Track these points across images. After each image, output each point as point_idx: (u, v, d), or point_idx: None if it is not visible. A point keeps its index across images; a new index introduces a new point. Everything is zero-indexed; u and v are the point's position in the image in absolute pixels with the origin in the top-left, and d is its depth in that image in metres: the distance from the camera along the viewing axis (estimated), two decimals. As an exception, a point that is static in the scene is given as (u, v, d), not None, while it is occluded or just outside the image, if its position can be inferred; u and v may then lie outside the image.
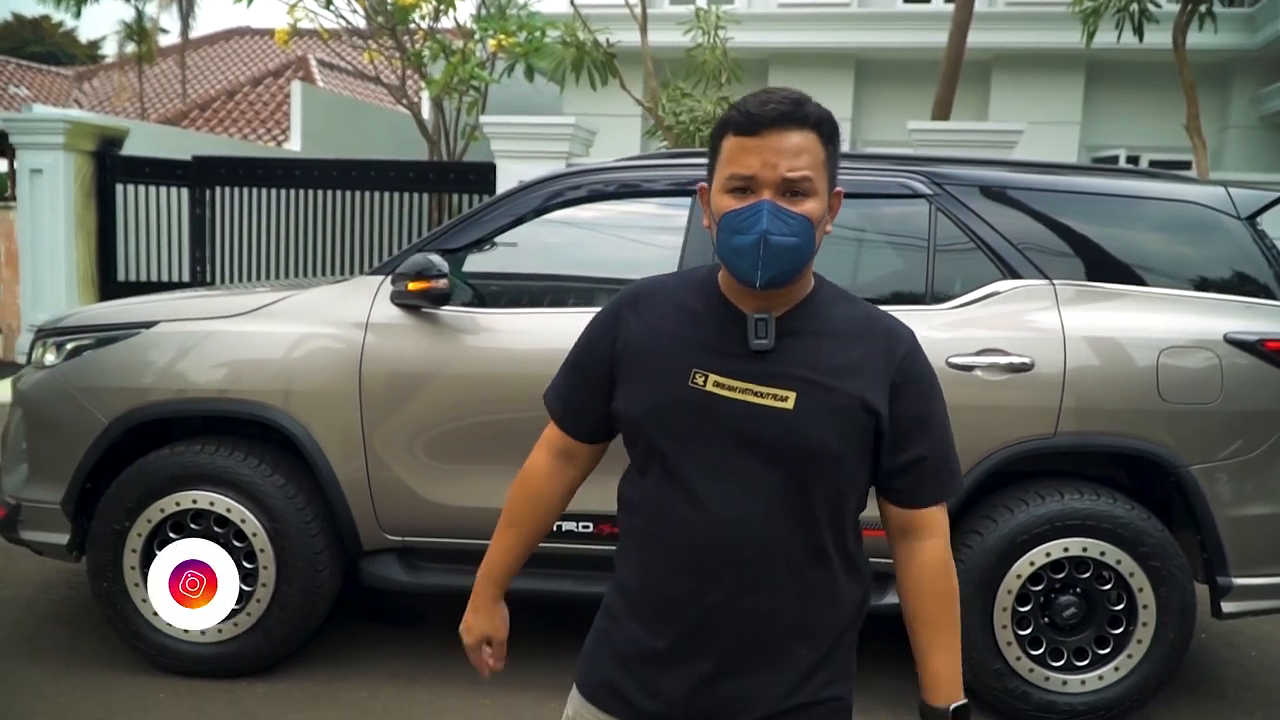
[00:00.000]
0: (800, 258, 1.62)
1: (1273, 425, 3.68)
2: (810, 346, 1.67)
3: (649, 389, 1.70)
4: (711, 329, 1.69)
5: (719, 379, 1.65)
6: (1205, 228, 3.91)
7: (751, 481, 1.65)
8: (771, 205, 1.59)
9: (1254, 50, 12.10)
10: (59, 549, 3.98)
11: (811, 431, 1.63)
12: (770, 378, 1.64)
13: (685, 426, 1.67)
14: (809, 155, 1.61)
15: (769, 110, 1.60)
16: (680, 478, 1.67)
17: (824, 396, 1.64)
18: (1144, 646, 3.69)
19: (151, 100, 23.33)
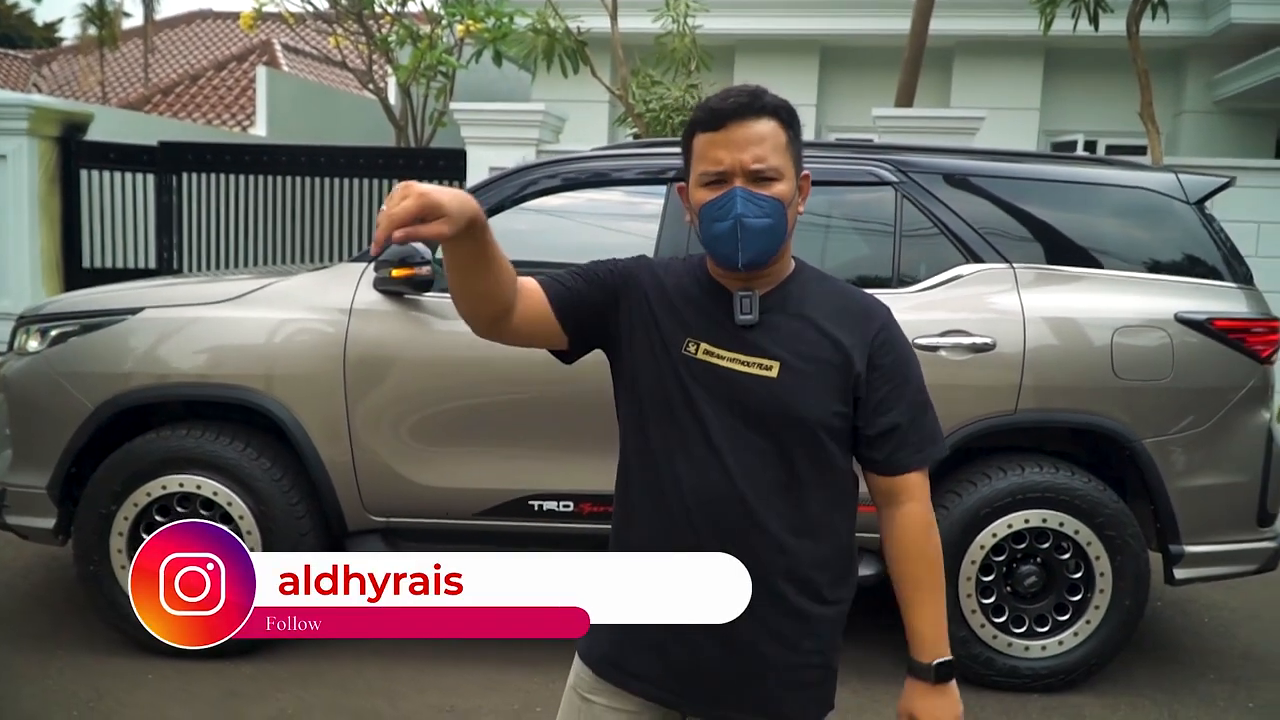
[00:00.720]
0: (776, 237, 1.76)
1: (1221, 400, 3.86)
2: (792, 322, 1.80)
3: (647, 354, 1.83)
4: (702, 304, 1.83)
5: (709, 347, 1.79)
6: (1157, 212, 4.07)
7: (740, 443, 1.76)
8: (743, 191, 1.72)
9: (1207, 37, 12.31)
10: (45, 533, 4.05)
11: (794, 399, 1.75)
12: (756, 349, 1.77)
13: (677, 391, 1.79)
14: (770, 141, 1.74)
15: (729, 104, 1.74)
16: (671, 441, 1.80)
17: (805, 367, 1.76)
18: (1101, 612, 3.86)
19: (112, 85, 23.10)
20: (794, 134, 1.79)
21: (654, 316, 1.84)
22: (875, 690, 3.91)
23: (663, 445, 1.82)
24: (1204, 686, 4.05)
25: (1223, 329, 3.86)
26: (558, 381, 3.71)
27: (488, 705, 3.69)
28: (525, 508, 3.88)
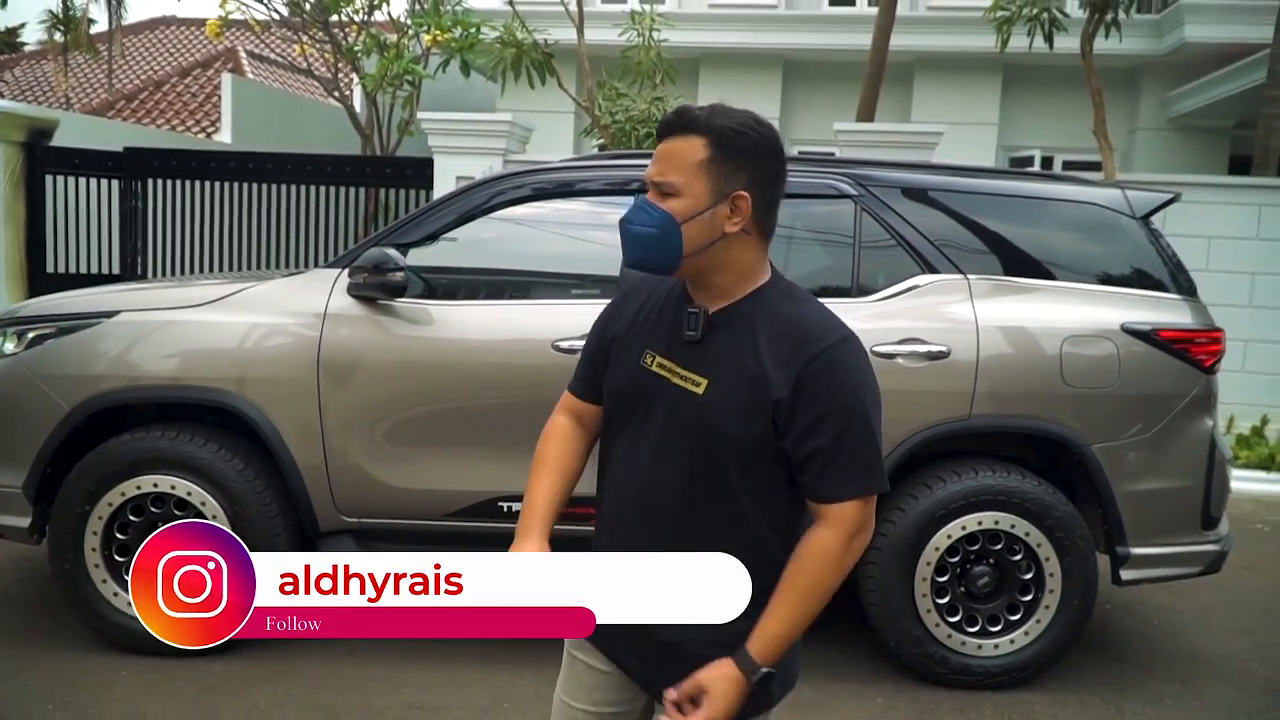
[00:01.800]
0: (659, 247, 1.81)
1: (1166, 408, 4.02)
2: (731, 340, 1.83)
3: (617, 366, 1.96)
4: (668, 317, 1.92)
5: (661, 360, 1.88)
6: (1105, 227, 4.23)
7: (673, 453, 1.85)
8: (641, 199, 1.83)
9: (1161, 55, 12.61)
10: (20, 532, 4.09)
11: (715, 416, 1.81)
12: (692, 363, 1.84)
13: (631, 399, 1.91)
14: (676, 159, 1.80)
15: (663, 121, 1.86)
16: (625, 442, 1.93)
17: (729, 386, 1.81)
18: (1051, 612, 4.00)
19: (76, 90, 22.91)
20: (720, 153, 1.79)
21: (628, 335, 1.96)
22: (832, 688, 4.02)
23: (614, 452, 1.96)
24: (1152, 685, 4.20)
25: (1167, 339, 4.01)
26: (525, 386, 3.83)
27: (457, 701, 3.77)
28: (494, 508, 3.97)
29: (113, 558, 4.00)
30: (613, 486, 1.97)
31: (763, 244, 1.89)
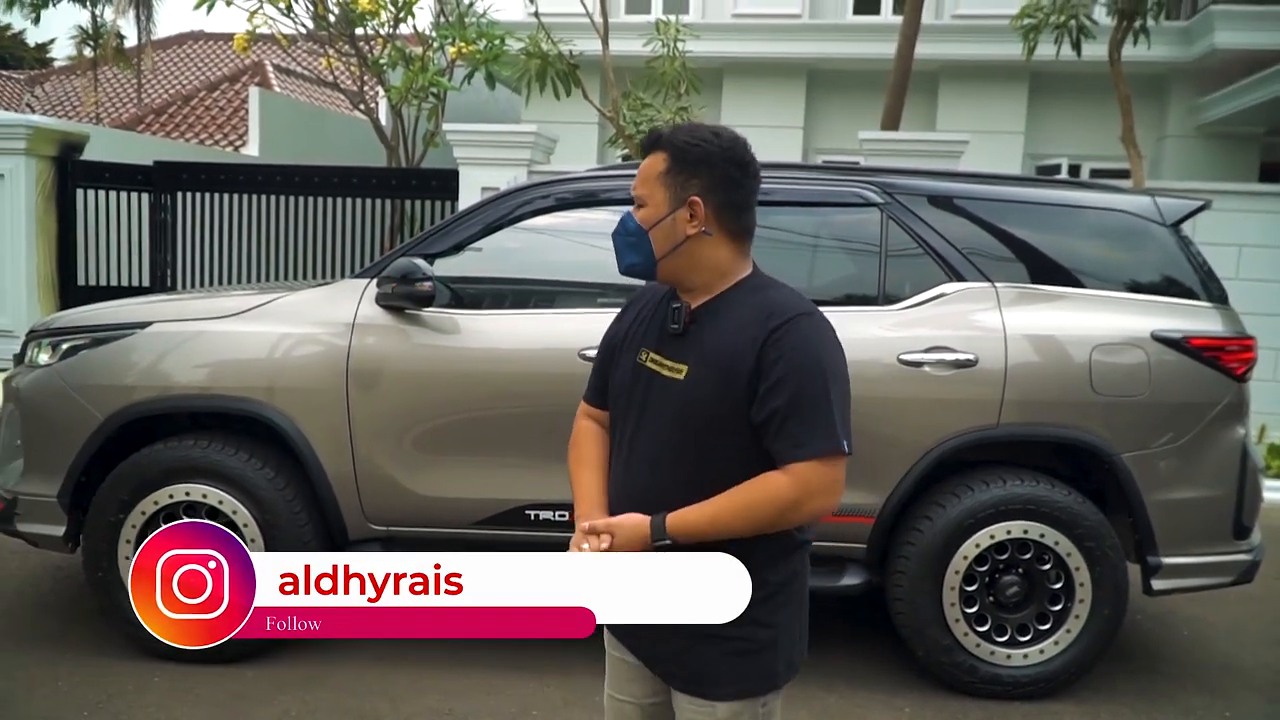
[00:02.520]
0: (638, 253, 2.04)
1: (1197, 416, 3.99)
2: (709, 329, 2.00)
3: (619, 368, 2.15)
4: (659, 317, 2.11)
5: (653, 355, 2.06)
6: (1135, 234, 4.21)
7: (655, 440, 2.02)
8: (626, 214, 2.05)
9: (1190, 62, 12.50)
10: (55, 540, 4.14)
11: (695, 397, 1.97)
12: (675, 354, 2.02)
13: (629, 393, 2.09)
14: (645, 173, 2.03)
15: (644, 141, 2.08)
16: (620, 432, 2.11)
17: (707, 369, 1.97)
18: (1081, 622, 3.98)
19: (105, 105, 23.17)
20: (675, 165, 2.00)
21: (627, 340, 2.15)
22: (860, 697, 4.02)
23: (618, 443, 2.13)
24: (1182, 696, 4.16)
25: (1198, 347, 3.99)
26: (553, 395, 3.84)
27: (486, 708, 3.79)
28: (522, 517, 3.99)
29: (138, 565, 4.02)
30: (617, 475, 2.12)
31: (734, 243, 2.05)
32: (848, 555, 4.08)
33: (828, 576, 4.06)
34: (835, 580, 4.06)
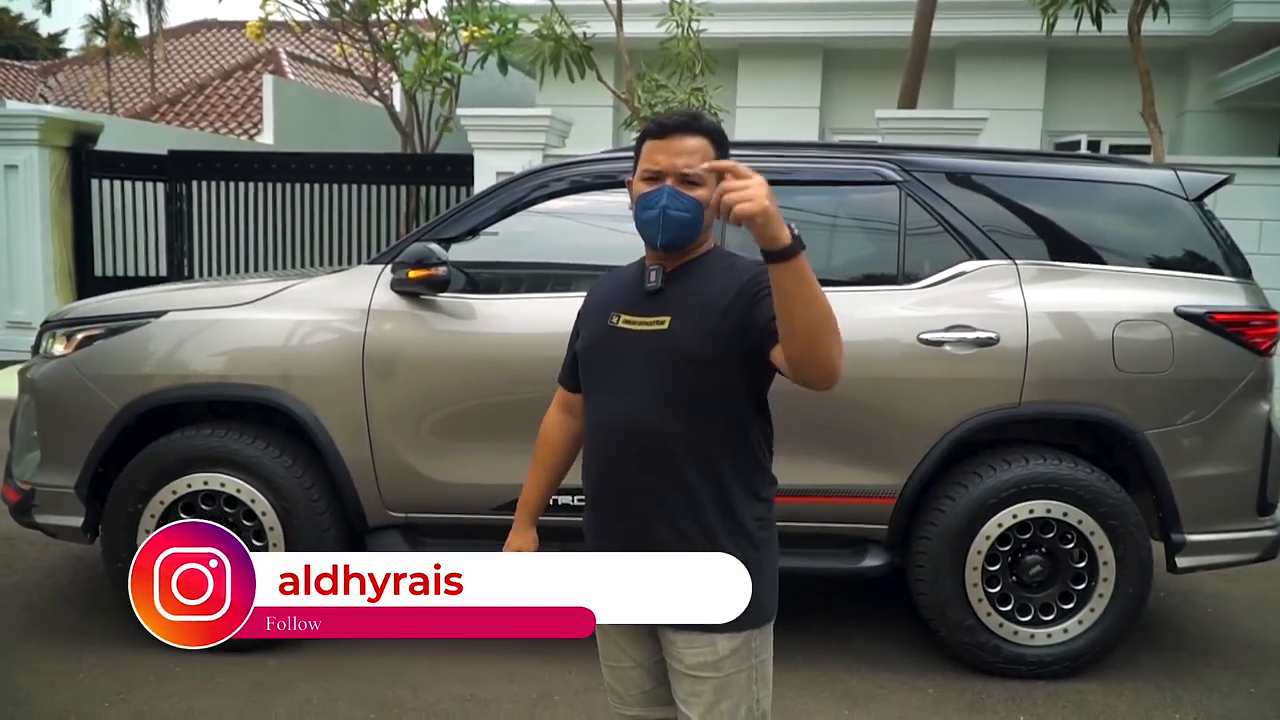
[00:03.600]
0: (691, 229, 2.14)
1: (1221, 392, 3.95)
2: (688, 285, 2.18)
3: (588, 332, 2.31)
4: (629, 286, 2.26)
5: (626, 316, 2.21)
6: (1157, 209, 4.16)
7: (642, 386, 2.14)
8: (671, 189, 2.12)
9: (1209, 36, 12.37)
10: (73, 531, 4.15)
11: (681, 343, 2.13)
12: (656, 309, 2.18)
13: (604, 353, 2.24)
14: (700, 154, 2.13)
15: (674, 121, 2.18)
16: (603, 391, 2.23)
17: (693, 316, 2.13)
18: (1105, 601, 3.94)
19: (119, 95, 23.23)
20: (721, 153, 2.16)
21: (593, 312, 2.31)
22: (883, 678, 3.99)
23: (593, 398, 2.27)
24: (1207, 674, 4.13)
25: (1222, 322, 3.94)
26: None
27: (507, 695, 3.78)
28: (541, 502, 3.96)
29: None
30: (595, 431, 2.25)
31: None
32: (869, 536, 4.05)
33: (849, 558, 4.04)
34: (857, 562, 4.03)
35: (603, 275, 2.44)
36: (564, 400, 2.49)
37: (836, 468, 3.90)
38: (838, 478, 3.91)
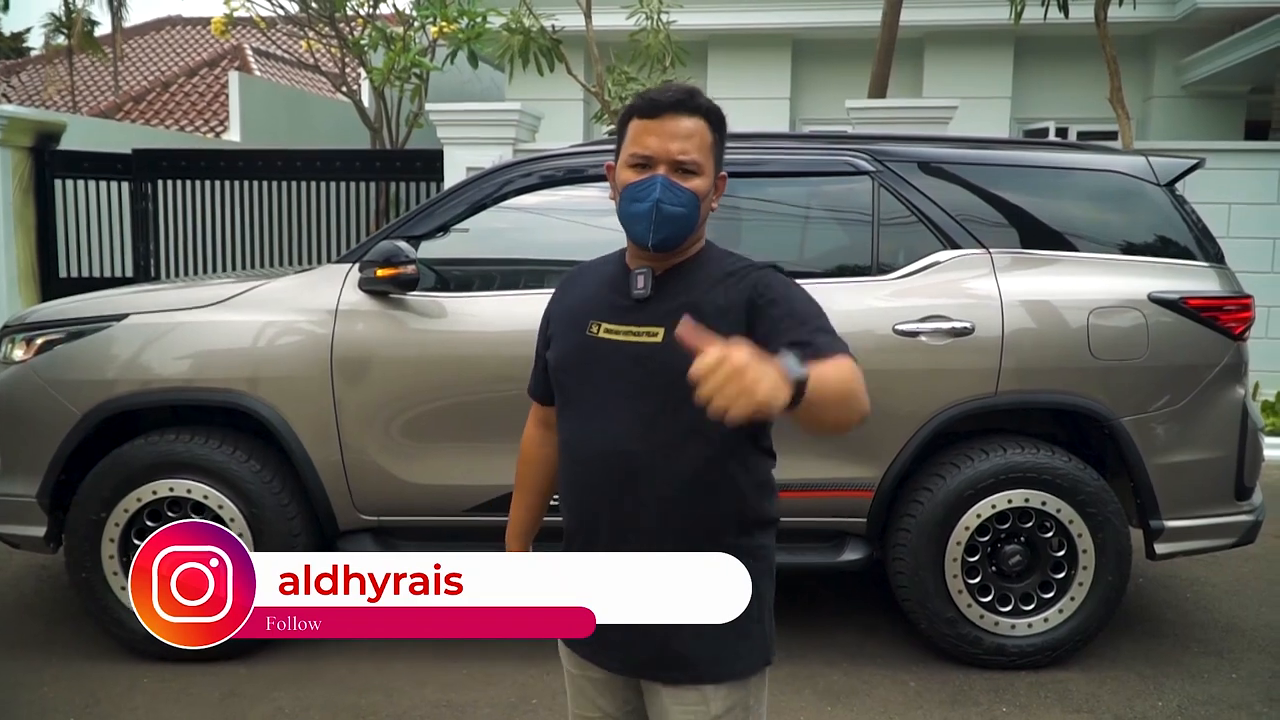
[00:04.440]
0: (687, 225, 1.88)
1: (1196, 377, 3.93)
2: (681, 291, 1.90)
3: (561, 342, 2.02)
4: (611, 288, 1.98)
5: (608, 325, 1.92)
6: (1129, 195, 4.14)
7: (626, 409, 1.88)
8: (664, 180, 1.85)
9: (1174, 21, 12.43)
10: (36, 541, 4.05)
11: (677, 360, 1.65)
12: (645, 319, 1.89)
13: (580, 367, 1.96)
14: (698, 139, 1.87)
15: (667, 98, 1.88)
16: (578, 411, 1.97)
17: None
18: (1085, 589, 3.93)
19: (82, 93, 22.95)
20: (719, 137, 1.93)
21: (566, 318, 2.02)
22: (865, 672, 3.96)
23: (567, 416, 2.00)
24: (1188, 660, 4.12)
25: (1196, 307, 3.93)
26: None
27: (484, 699, 3.72)
28: (515, 502, 3.91)
29: (130, 564, 3.95)
30: (570, 456, 1.99)
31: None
32: (847, 530, 4.03)
33: (828, 552, 4.01)
34: (836, 556, 4.00)
35: (570, 271, 2.14)
36: (541, 415, 2.20)
37: (813, 461, 3.86)
38: (815, 471, 3.86)
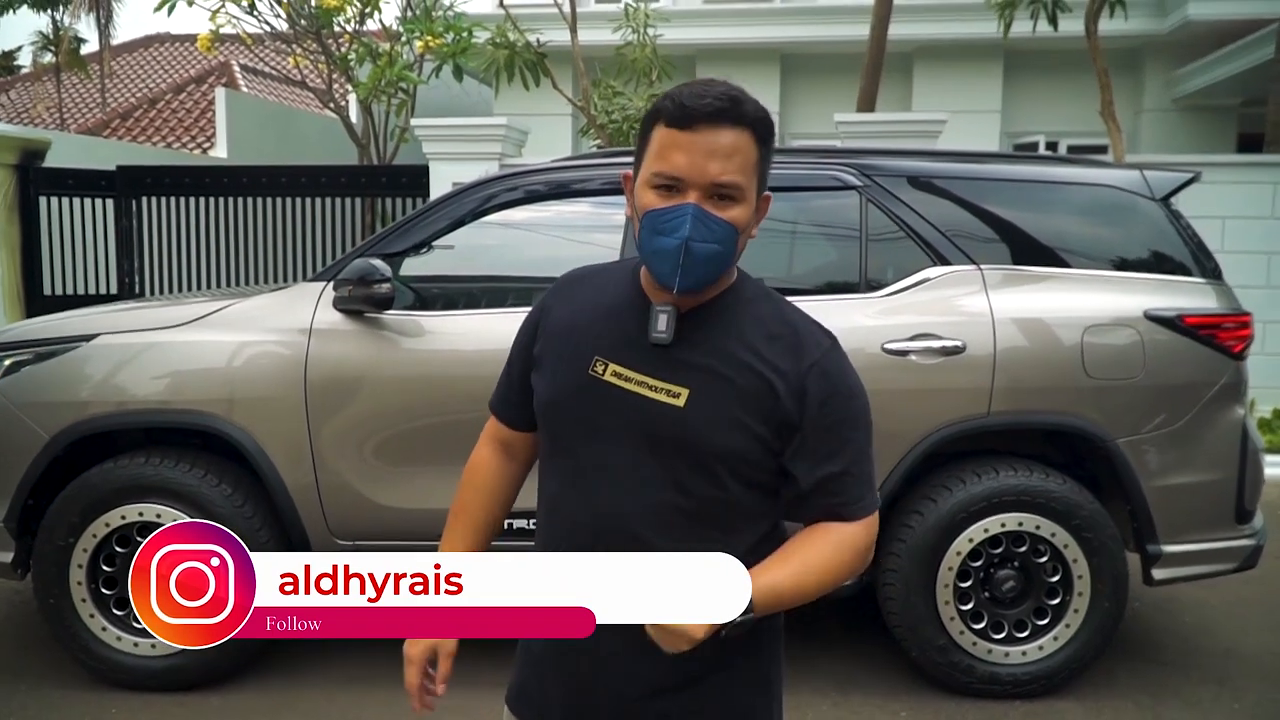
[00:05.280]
0: (722, 265, 1.57)
1: (1194, 397, 3.84)
2: (714, 343, 1.60)
3: (553, 374, 1.69)
4: (622, 318, 1.65)
5: (618, 368, 1.61)
6: (1123, 210, 4.06)
7: (638, 479, 1.61)
8: (697, 210, 1.51)
9: (1164, 35, 12.45)
10: (3, 567, 3.94)
11: (701, 431, 1.57)
12: (667, 372, 1.59)
13: (580, 415, 1.64)
14: (740, 158, 1.53)
15: (705, 105, 1.51)
16: (573, 468, 1.67)
17: (719, 397, 1.58)
18: (1080, 616, 3.83)
19: (70, 110, 22.87)
20: (766, 151, 1.58)
21: (562, 343, 1.69)
22: (854, 702, 3.86)
23: (558, 468, 1.71)
24: (1188, 688, 4.02)
25: (1193, 325, 3.84)
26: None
27: (462, 731, 3.61)
28: (495, 527, 3.81)
29: (99, 591, 3.84)
30: (558, 521, 1.71)
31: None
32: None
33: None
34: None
35: (567, 276, 1.81)
36: (502, 438, 1.87)
37: (801, 484, 3.75)
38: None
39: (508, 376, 1.85)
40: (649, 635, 1.51)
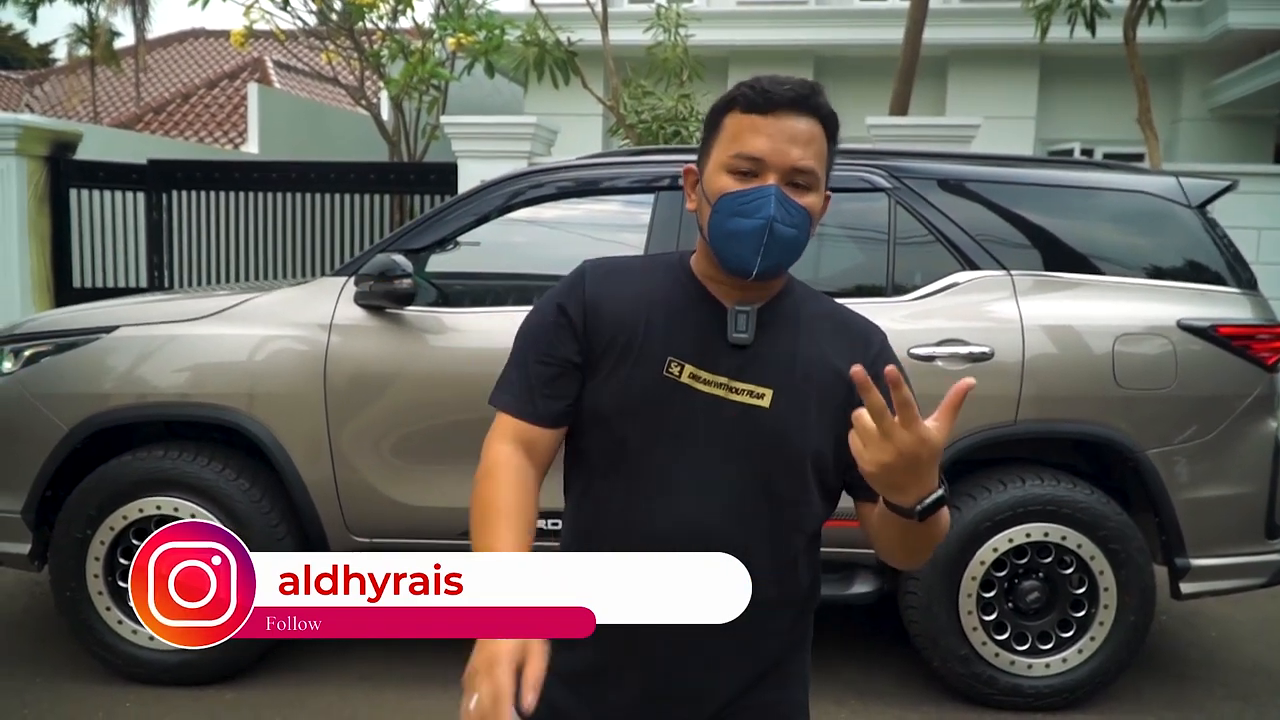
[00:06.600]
0: (796, 251, 1.55)
1: (1226, 409, 3.76)
2: (788, 342, 1.59)
3: (620, 377, 1.59)
4: (689, 318, 1.60)
5: (695, 370, 1.57)
6: (1158, 217, 3.98)
7: (724, 486, 1.57)
8: (779, 192, 1.50)
9: (1203, 43, 12.28)
10: (20, 559, 3.94)
11: (787, 430, 1.56)
12: (748, 373, 1.57)
13: (656, 419, 1.57)
14: (816, 146, 1.53)
15: (785, 91, 1.51)
16: (645, 476, 1.59)
17: (801, 395, 1.57)
18: (1106, 628, 3.76)
19: (105, 104, 23.07)
20: (833, 148, 1.59)
21: (624, 342, 1.60)
22: (873, 711, 3.80)
23: (625, 478, 1.62)
24: (1212, 704, 3.95)
25: (1227, 335, 3.76)
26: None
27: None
28: (512, 526, 3.77)
29: (116, 584, 3.84)
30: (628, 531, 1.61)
31: None
32: (858, 562, 3.86)
33: (838, 585, 3.85)
34: (846, 588, 3.84)
35: (600, 266, 1.71)
36: (523, 436, 1.68)
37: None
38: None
39: (522, 371, 1.70)
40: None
